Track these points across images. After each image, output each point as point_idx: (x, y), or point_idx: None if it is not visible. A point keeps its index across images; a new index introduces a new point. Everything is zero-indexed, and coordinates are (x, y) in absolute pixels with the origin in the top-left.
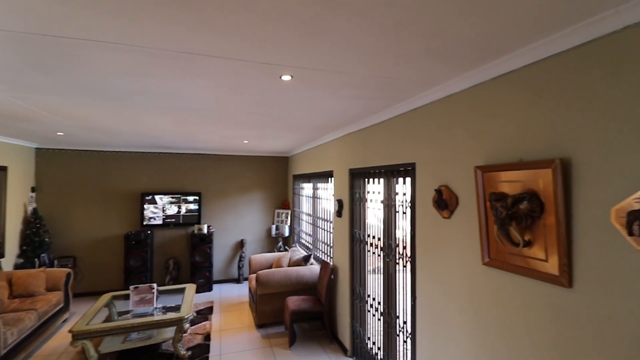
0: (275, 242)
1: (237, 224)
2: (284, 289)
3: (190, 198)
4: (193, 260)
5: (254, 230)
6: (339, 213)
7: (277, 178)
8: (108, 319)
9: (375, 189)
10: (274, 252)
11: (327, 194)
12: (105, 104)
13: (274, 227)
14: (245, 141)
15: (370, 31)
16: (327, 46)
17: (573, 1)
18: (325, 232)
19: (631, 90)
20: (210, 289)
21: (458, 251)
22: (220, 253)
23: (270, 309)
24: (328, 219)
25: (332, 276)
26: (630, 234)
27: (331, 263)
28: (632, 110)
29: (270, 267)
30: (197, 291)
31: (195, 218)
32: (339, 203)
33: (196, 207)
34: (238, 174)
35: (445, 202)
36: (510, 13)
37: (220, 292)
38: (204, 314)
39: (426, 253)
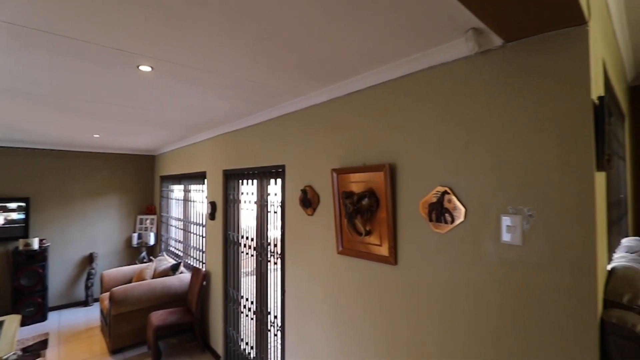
0: (137, 252)
1: (84, 235)
2: (148, 304)
3: (13, 205)
4: (16, 285)
5: (109, 241)
6: (212, 216)
7: (141, 179)
8: None
9: (249, 190)
10: (135, 264)
11: (201, 197)
12: None
13: (135, 235)
14: (95, 135)
15: (234, 39)
16: (192, 42)
17: (391, 43)
18: (198, 236)
19: (428, 115)
20: (44, 318)
21: (320, 244)
22: (59, 272)
23: (129, 330)
24: (201, 222)
25: (205, 282)
26: (430, 220)
27: (204, 269)
28: (430, 131)
29: (130, 281)
30: (25, 323)
31: (20, 230)
32: (212, 205)
33: (22, 216)
34: (87, 175)
35: (309, 200)
36: (351, 43)
37: (60, 320)
38: (34, 350)
39: (294, 248)
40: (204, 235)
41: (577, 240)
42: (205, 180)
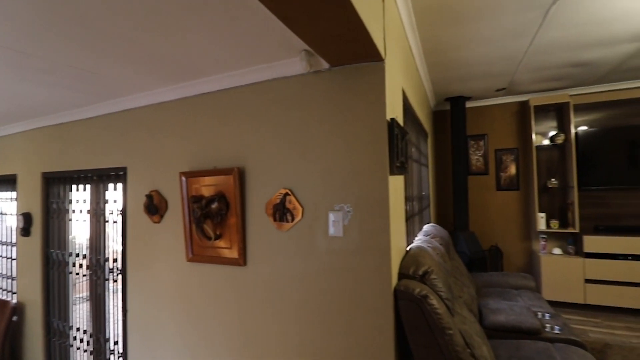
0: None
1: None
2: None
3: None
4: None
5: None
6: (25, 231)
7: None
8: None
9: (81, 197)
10: None
11: (10, 207)
12: None
13: None
14: None
15: (45, 16)
16: None
17: (237, 51)
18: (5, 260)
19: (273, 123)
20: None
21: (168, 253)
22: None
23: None
24: (9, 241)
25: (15, 317)
26: (275, 220)
27: (13, 300)
28: (274, 137)
29: None
30: None
31: None
32: (26, 218)
33: None
34: None
35: (156, 206)
36: (196, 45)
37: None
38: None
39: (138, 261)
40: (13, 257)
41: (379, 229)
42: (17, 186)
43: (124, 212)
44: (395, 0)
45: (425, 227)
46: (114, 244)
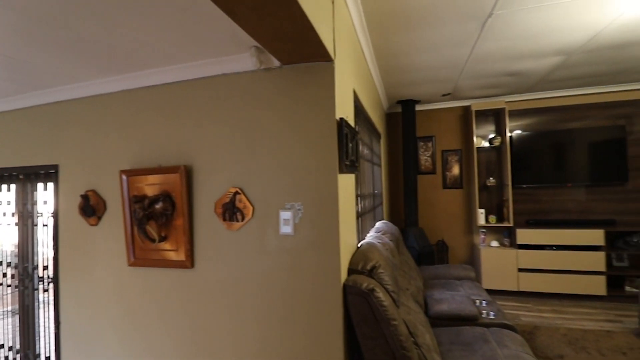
0: None
1: None
2: None
3: None
4: None
5: None
6: None
7: None
8: None
9: (4, 198)
10: None
11: None
12: None
13: None
14: None
15: None
16: None
17: (184, 44)
18: None
19: (223, 119)
20: None
21: (107, 257)
22: None
23: None
24: None
25: None
26: (224, 219)
27: None
28: (224, 134)
29: None
30: None
31: None
32: None
33: None
34: None
35: (92, 208)
36: (137, 33)
37: None
38: None
39: (73, 269)
40: None
41: (329, 226)
42: None
43: (55, 215)
44: (347, 4)
45: (377, 224)
46: (45, 250)
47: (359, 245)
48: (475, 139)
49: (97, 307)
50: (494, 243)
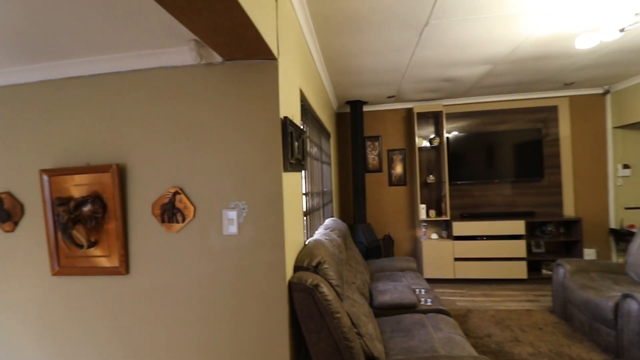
0: None
1: None
2: None
3: None
4: None
5: None
6: None
7: None
8: None
9: None
10: None
11: None
12: None
13: None
14: None
15: None
16: None
17: (114, 31)
18: None
19: (161, 115)
20: None
21: (26, 268)
22: None
23: None
24: None
25: None
26: (163, 221)
27: None
28: (162, 131)
29: None
30: None
31: None
32: None
33: None
34: None
35: (7, 212)
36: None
37: None
38: None
39: None
40: None
41: (274, 225)
42: None
43: None
44: (292, 4)
45: (327, 221)
46: None
47: (306, 242)
48: (417, 139)
49: (16, 322)
50: (434, 235)
